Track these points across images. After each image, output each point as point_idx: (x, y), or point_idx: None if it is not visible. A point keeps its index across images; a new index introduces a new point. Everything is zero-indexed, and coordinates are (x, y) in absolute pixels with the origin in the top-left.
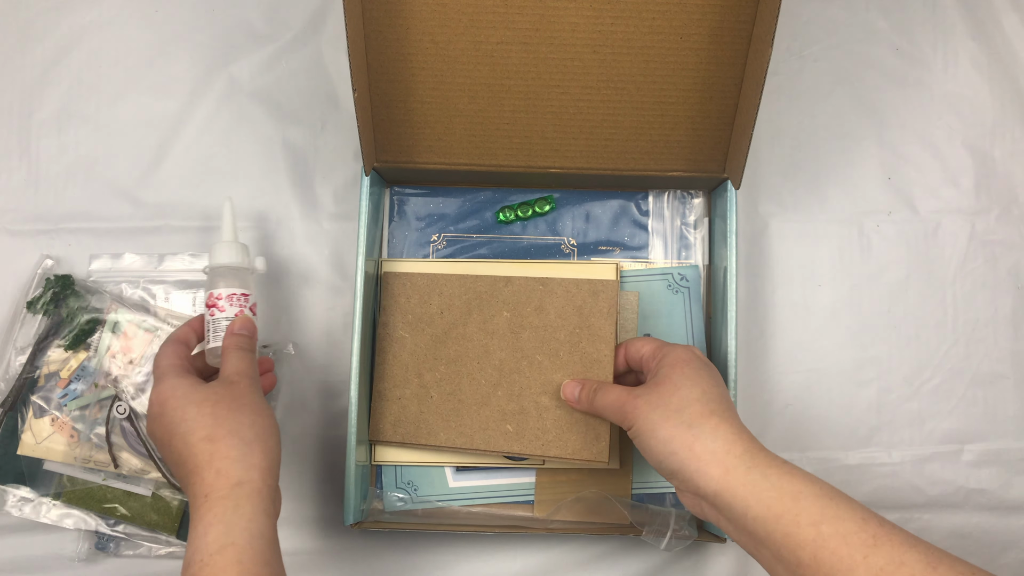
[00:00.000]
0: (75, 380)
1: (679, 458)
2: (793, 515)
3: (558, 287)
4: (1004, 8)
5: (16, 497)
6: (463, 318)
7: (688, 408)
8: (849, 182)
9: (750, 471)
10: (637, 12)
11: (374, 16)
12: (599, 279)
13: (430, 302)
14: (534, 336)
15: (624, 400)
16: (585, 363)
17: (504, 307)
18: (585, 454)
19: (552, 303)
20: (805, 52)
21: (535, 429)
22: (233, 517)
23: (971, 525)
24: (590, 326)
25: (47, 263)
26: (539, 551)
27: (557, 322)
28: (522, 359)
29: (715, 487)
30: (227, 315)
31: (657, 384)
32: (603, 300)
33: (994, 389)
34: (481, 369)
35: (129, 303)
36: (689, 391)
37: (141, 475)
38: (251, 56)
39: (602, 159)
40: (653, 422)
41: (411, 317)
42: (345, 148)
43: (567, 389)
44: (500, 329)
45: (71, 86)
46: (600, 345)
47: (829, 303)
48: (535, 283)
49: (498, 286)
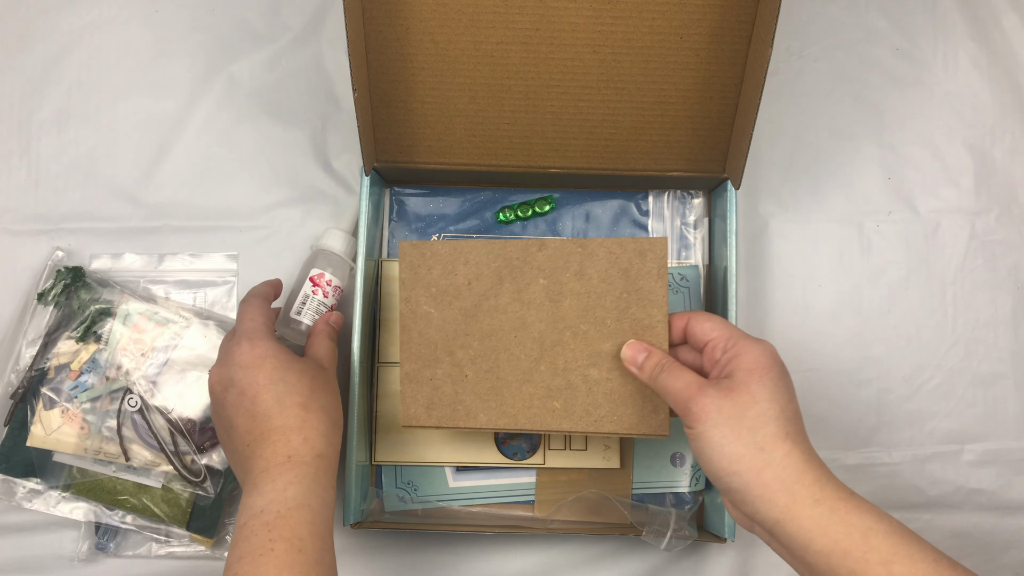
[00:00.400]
0: (86, 372)
1: (743, 480)
2: (862, 552)
3: (599, 248)
4: (1004, 8)
5: (25, 489)
6: (494, 288)
7: (763, 428)
8: (849, 182)
9: (818, 504)
10: (637, 12)
11: (374, 16)
12: (646, 238)
13: (455, 272)
14: (576, 304)
15: (692, 396)
16: (636, 330)
17: (539, 274)
18: (643, 428)
19: (594, 267)
20: (805, 52)
21: (585, 404)
22: (312, 483)
23: (971, 525)
24: (639, 289)
25: (58, 254)
26: (539, 551)
27: (601, 287)
28: (564, 330)
29: (778, 516)
30: (325, 301)
31: (732, 390)
32: (652, 260)
33: (994, 389)
34: (519, 343)
35: (140, 295)
36: (767, 408)
37: (152, 467)
38: (251, 56)
39: (602, 159)
40: (722, 435)
41: (435, 290)
42: (345, 148)
43: (630, 350)
44: (537, 298)
45: (71, 86)
46: (652, 310)
47: (829, 303)
48: (573, 246)
49: (531, 251)
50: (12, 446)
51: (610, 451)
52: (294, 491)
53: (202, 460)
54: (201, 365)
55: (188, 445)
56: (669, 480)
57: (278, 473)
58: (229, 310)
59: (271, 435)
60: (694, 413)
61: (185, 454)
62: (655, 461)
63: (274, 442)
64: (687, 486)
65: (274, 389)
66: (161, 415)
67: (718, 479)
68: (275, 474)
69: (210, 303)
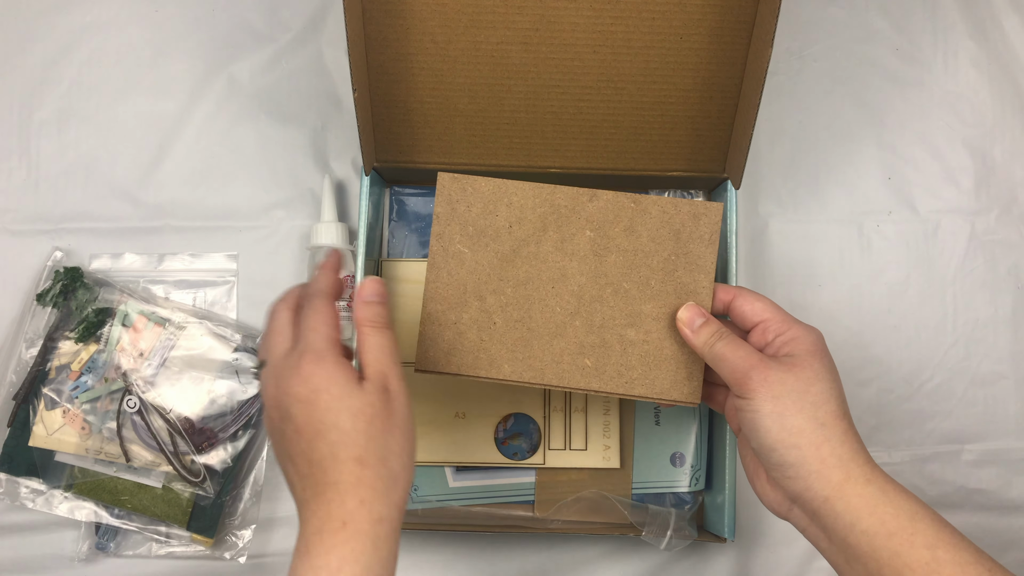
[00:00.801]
0: (86, 372)
1: (801, 453)
2: (908, 534)
3: (653, 206)
4: (1004, 8)
5: (28, 489)
6: (536, 235)
7: (825, 405)
8: (849, 182)
9: (869, 483)
10: (637, 12)
11: (374, 16)
12: (702, 201)
13: (496, 213)
14: (622, 261)
15: (754, 365)
16: (680, 295)
17: (587, 225)
18: (675, 394)
19: (645, 224)
20: (805, 52)
21: (617, 365)
22: (372, 558)
23: (971, 525)
24: (688, 253)
25: (56, 255)
26: (539, 551)
27: (650, 246)
28: (606, 286)
29: (829, 493)
30: (343, 295)
31: (794, 366)
32: (705, 225)
33: (994, 389)
34: (556, 295)
35: (139, 295)
36: (829, 387)
37: (152, 467)
38: (251, 56)
39: (602, 159)
40: (784, 406)
41: (472, 229)
42: (345, 148)
43: (688, 312)
44: (581, 250)
45: (71, 86)
46: (699, 275)
47: (829, 303)
48: (626, 200)
49: (581, 201)
50: (15, 446)
51: (610, 451)
52: (349, 571)
53: (201, 460)
54: (199, 365)
55: (187, 445)
56: (669, 480)
57: (332, 544)
58: (229, 310)
59: (326, 491)
60: (756, 382)
61: (184, 454)
62: (655, 461)
63: (328, 500)
64: (687, 486)
65: (328, 438)
66: (160, 416)
67: (774, 451)
68: (329, 544)
69: (210, 303)
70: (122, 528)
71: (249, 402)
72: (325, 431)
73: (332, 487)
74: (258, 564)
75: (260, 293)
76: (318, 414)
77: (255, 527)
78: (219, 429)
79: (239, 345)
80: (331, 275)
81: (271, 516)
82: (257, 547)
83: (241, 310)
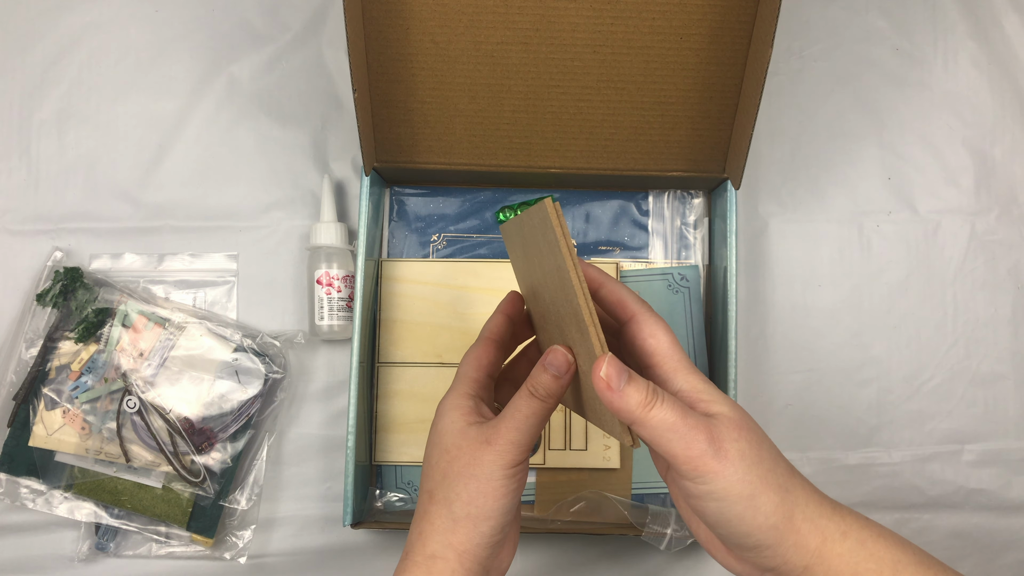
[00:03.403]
0: (86, 373)
1: (779, 532)
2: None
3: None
4: (1004, 8)
5: (28, 489)
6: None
7: (777, 466)
8: (849, 182)
9: (846, 537)
10: (637, 12)
11: (374, 16)
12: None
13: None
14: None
15: (710, 439)
16: (571, 304)
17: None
18: (620, 433)
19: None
20: (805, 52)
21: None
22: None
23: (971, 525)
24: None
25: (56, 255)
26: (539, 551)
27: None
28: (550, 305)
29: (808, 561)
30: (341, 296)
31: (732, 428)
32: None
33: (994, 389)
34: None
35: (138, 295)
36: (768, 442)
37: (152, 467)
38: (251, 56)
39: (602, 159)
40: (752, 484)
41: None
42: (345, 148)
43: (610, 368)
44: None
45: (71, 86)
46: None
47: (829, 303)
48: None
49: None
50: (15, 446)
51: (610, 451)
52: None
53: (200, 460)
54: (199, 366)
55: (187, 445)
56: None
57: (400, 569)
58: (229, 310)
59: (416, 519)
60: (713, 464)
61: (184, 454)
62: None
63: (412, 527)
64: None
65: (426, 463)
66: (160, 416)
67: (749, 536)
68: (400, 568)
69: (210, 303)
70: (122, 528)
71: (249, 402)
72: (427, 454)
73: (415, 516)
74: (258, 564)
75: (260, 293)
76: (432, 436)
77: (255, 527)
78: (219, 429)
79: (239, 345)
80: (498, 318)
81: (271, 516)
82: (257, 547)
83: (241, 310)
